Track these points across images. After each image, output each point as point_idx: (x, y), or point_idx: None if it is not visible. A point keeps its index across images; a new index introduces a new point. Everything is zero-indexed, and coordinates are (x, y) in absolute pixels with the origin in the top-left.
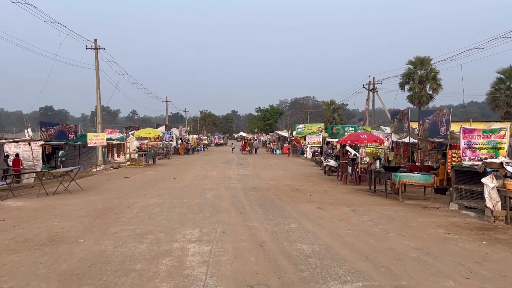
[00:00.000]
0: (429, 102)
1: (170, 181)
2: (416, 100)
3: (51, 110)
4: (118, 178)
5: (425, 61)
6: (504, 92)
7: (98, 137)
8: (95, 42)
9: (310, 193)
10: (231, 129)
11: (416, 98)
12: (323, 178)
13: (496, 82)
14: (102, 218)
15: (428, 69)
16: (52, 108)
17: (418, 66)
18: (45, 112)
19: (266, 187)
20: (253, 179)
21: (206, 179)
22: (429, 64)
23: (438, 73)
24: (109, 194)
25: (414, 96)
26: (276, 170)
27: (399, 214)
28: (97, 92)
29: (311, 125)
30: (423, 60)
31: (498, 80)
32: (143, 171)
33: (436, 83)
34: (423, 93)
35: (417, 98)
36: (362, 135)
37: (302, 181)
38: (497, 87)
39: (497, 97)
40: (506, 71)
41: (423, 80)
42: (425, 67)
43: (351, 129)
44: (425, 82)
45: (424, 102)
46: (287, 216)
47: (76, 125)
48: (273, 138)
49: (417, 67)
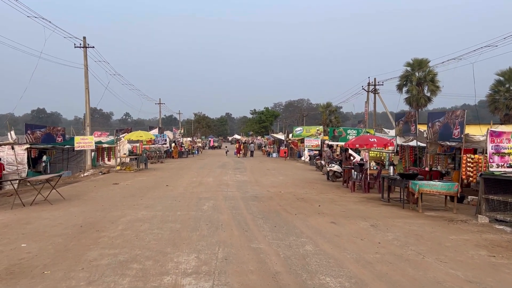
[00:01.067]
0: (427, 104)
1: (163, 189)
2: (414, 103)
3: (43, 113)
4: (106, 185)
5: (423, 63)
6: (503, 95)
7: (86, 141)
8: (84, 40)
9: (318, 203)
10: (225, 131)
11: (414, 101)
12: (327, 185)
13: (495, 84)
14: (80, 238)
15: (426, 71)
16: (44, 110)
17: (416, 68)
18: (37, 115)
19: (268, 196)
20: (252, 186)
21: (201, 186)
22: (427, 66)
23: (436, 75)
24: (93, 205)
25: (412, 98)
26: (276, 176)
27: (425, 230)
28: (86, 93)
29: (309, 127)
30: (421, 62)
31: (497, 82)
32: (134, 177)
33: (434, 85)
34: (421, 95)
35: (415, 101)
36: (371, 139)
37: (306, 188)
38: (496, 90)
39: (497, 99)
40: (506, 73)
41: (421, 82)
42: (423, 68)
43: (354, 132)
44: (423, 84)
45: (422, 104)
46: (299, 234)
47: (64, 127)
48: (269, 141)
49: (415, 69)
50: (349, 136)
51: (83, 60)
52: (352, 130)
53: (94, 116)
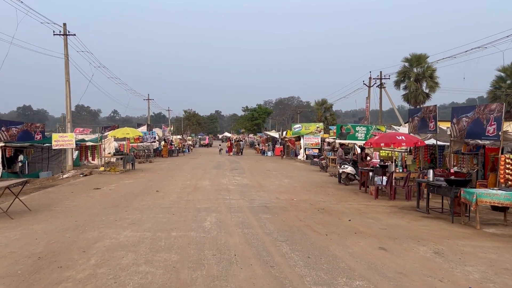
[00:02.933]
0: (425, 101)
1: (152, 196)
2: (412, 99)
3: (29, 110)
4: (86, 190)
5: (421, 58)
6: (505, 91)
7: (65, 138)
8: (64, 27)
9: (346, 216)
10: (215, 129)
11: (412, 97)
12: (342, 189)
13: (496, 80)
14: (31, 284)
15: (425, 66)
16: (30, 107)
17: (414, 64)
18: (23, 112)
19: (281, 206)
20: (257, 192)
21: (198, 191)
22: (426, 62)
23: (435, 71)
24: (64, 220)
25: (410, 95)
26: (280, 178)
27: (509, 259)
28: (67, 85)
29: (308, 124)
30: (419, 57)
31: (498, 79)
32: (119, 180)
33: (433, 81)
34: (419, 92)
35: (413, 97)
36: (398, 136)
37: (320, 194)
38: (497, 86)
39: (498, 96)
40: (507, 69)
41: (419, 78)
42: (422, 64)
43: (363, 129)
44: (422, 80)
45: (420, 101)
46: (347, 270)
47: (43, 124)
48: (262, 139)
49: (413, 65)
50: (358, 134)
51: (63, 49)
52: (361, 127)
53: (82, 113)
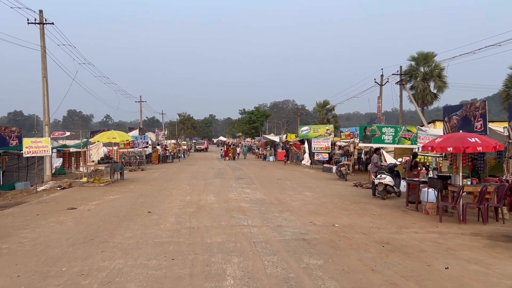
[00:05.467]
0: (433, 101)
1: (142, 220)
2: (419, 100)
3: (20, 115)
4: (56, 212)
5: (429, 57)
6: None
7: (38, 144)
8: (40, 15)
9: (435, 259)
10: (210, 133)
11: (420, 98)
12: (383, 205)
13: (508, 79)
14: None
15: (433, 65)
16: (21, 113)
17: (421, 62)
18: (14, 117)
19: (325, 238)
20: (281, 212)
21: (202, 212)
22: (433, 60)
23: (443, 70)
24: (2, 274)
25: (417, 95)
26: (297, 190)
27: None
28: (44, 82)
29: (317, 127)
30: (426, 56)
31: (510, 77)
32: (103, 194)
33: (441, 80)
34: (427, 92)
35: (421, 98)
36: (471, 138)
37: (364, 215)
38: (510, 85)
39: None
40: None
41: (427, 77)
42: (429, 63)
43: (391, 130)
44: (429, 79)
45: (428, 102)
46: None
47: (20, 128)
48: (261, 142)
49: (420, 63)
50: (385, 136)
51: (40, 40)
52: (388, 128)
53: (74, 118)
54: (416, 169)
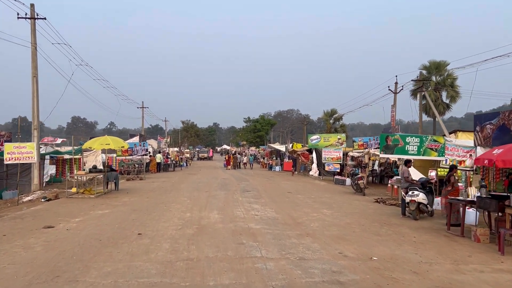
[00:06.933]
0: (445, 112)
1: (129, 246)
2: (431, 110)
3: (25, 121)
4: (29, 232)
5: (441, 66)
6: None
7: (22, 149)
8: (31, 9)
9: None
10: (213, 141)
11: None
12: (419, 228)
13: None
14: None
15: (445, 74)
16: (26, 119)
17: (433, 72)
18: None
19: (368, 281)
20: (299, 237)
21: (204, 235)
22: (445, 69)
23: (456, 79)
24: None
25: (429, 105)
26: (313, 206)
27: None
28: (33, 82)
29: (328, 135)
30: (439, 65)
31: None
32: (91, 208)
33: (454, 90)
34: (439, 102)
35: None
36: None
37: (403, 243)
38: None
39: None
40: None
41: (439, 87)
42: (441, 72)
43: (416, 140)
44: (442, 89)
45: (440, 112)
46: None
47: (10, 132)
48: (266, 152)
49: (432, 72)
50: (409, 146)
51: (30, 36)
52: (412, 138)
53: (78, 125)
54: (450, 184)
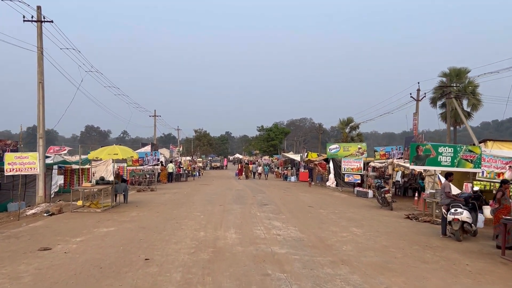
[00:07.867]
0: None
1: (133, 276)
2: (452, 119)
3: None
4: (19, 256)
5: (462, 73)
6: None
7: (24, 160)
8: (38, 11)
9: None
10: (226, 150)
11: (452, 116)
12: (466, 252)
13: None
14: None
15: (466, 82)
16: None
17: (454, 79)
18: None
19: None
20: (335, 267)
21: (220, 262)
22: (466, 77)
23: (477, 87)
24: None
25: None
26: (339, 223)
27: None
28: (39, 88)
29: (348, 145)
30: (459, 72)
31: None
32: (95, 225)
33: (475, 98)
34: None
35: (453, 116)
36: None
37: (458, 275)
38: None
39: None
40: None
41: (459, 95)
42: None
43: (449, 150)
44: (462, 97)
45: (461, 121)
46: None
47: (16, 141)
48: (280, 161)
49: (453, 80)
50: (442, 157)
51: (36, 40)
52: (446, 148)
53: (91, 134)
54: (498, 201)
